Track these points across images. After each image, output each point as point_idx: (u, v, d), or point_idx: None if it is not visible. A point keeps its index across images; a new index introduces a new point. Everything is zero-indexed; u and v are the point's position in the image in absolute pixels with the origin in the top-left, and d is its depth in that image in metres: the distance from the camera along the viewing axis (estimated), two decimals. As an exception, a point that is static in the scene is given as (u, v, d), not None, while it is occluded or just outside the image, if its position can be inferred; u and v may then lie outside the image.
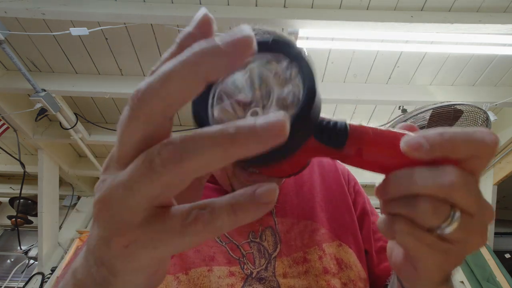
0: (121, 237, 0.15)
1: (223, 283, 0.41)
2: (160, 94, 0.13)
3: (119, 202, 0.14)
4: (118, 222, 0.15)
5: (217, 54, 0.13)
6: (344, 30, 1.49)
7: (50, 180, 2.35)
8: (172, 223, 0.14)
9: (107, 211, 0.15)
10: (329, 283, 0.43)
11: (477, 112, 1.43)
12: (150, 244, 0.15)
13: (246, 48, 0.13)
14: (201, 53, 0.13)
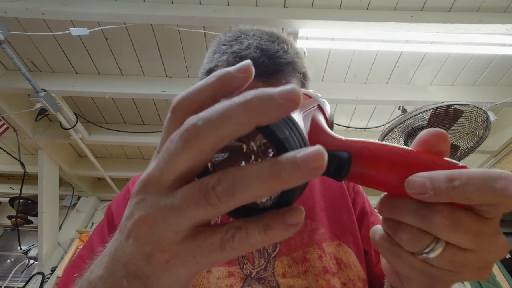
0: (163, 253, 0.17)
1: (222, 284, 0.41)
2: (217, 132, 0.15)
3: (164, 223, 0.16)
4: (160, 239, 0.16)
5: (272, 105, 0.15)
6: (344, 30, 1.49)
7: (50, 180, 2.35)
8: (213, 240, 0.16)
9: (150, 229, 0.16)
10: (329, 282, 0.43)
11: (477, 112, 1.43)
12: (192, 259, 0.17)
13: (295, 103, 0.15)
14: (259, 101, 0.15)
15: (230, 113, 0.15)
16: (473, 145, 1.59)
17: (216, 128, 0.15)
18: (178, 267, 0.17)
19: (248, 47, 0.43)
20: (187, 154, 0.15)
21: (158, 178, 0.17)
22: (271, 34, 0.46)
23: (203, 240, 0.17)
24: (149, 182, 0.17)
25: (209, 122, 0.15)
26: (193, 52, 1.76)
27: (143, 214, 0.17)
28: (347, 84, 1.93)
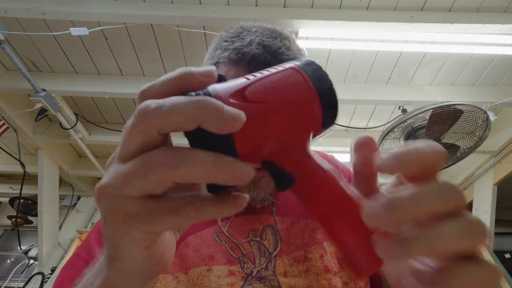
0: (118, 214, 0.18)
1: (222, 282, 0.41)
2: (163, 117, 0.17)
3: (116, 189, 0.18)
4: (115, 203, 0.18)
5: (220, 116, 0.17)
6: (344, 30, 1.49)
7: (50, 180, 2.35)
8: (170, 204, 0.18)
9: (105, 195, 0.18)
10: (330, 282, 0.42)
11: (477, 112, 1.43)
12: (146, 220, 0.18)
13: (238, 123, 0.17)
14: (210, 107, 0.17)
15: (180, 106, 0.17)
16: (473, 145, 1.59)
17: (163, 114, 0.17)
18: (132, 226, 0.18)
19: (250, 44, 0.42)
20: (135, 130, 0.18)
21: (119, 152, 0.19)
22: (273, 31, 0.45)
23: (160, 204, 0.18)
24: (114, 157, 0.20)
25: (160, 107, 0.17)
26: (193, 52, 1.76)
27: (102, 182, 0.19)
28: (347, 84, 1.93)
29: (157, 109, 0.17)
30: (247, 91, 0.20)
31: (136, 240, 0.19)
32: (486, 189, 2.33)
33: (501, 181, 2.23)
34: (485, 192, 2.34)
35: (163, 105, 0.17)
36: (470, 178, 2.47)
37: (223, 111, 0.17)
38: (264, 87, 0.21)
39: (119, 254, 0.21)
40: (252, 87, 0.21)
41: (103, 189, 0.19)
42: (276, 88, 0.21)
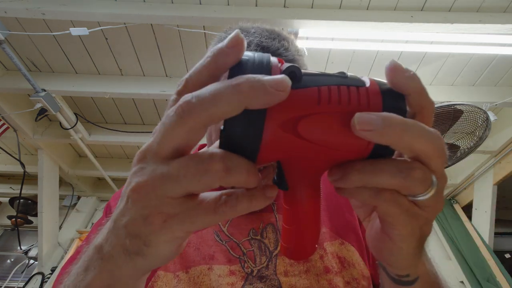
0: (160, 215, 0.19)
1: (223, 281, 0.41)
2: (209, 110, 0.17)
3: (160, 189, 0.18)
4: (157, 203, 0.18)
5: (261, 91, 0.17)
6: (344, 30, 1.49)
7: (50, 180, 2.35)
8: (208, 203, 0.19)
9: (147, 194, 0.18)
10: (330, 282, 0.42)
11: (477, 112, 1.43)
12: (188, 220, 0.19)
13: (284, 93, 0.17)
14: (249, 86, 0.17)
15: (221, 94, 0.16)
16: (473, 145, 1.59)
17: (208, 107, 0.17)
18: (174, 226, 0.19)
19: (248, 45, 0.42)
20: (180, 129, 0.18)
21: (155, 149, 0.19)
22: (272, 32, 0.45)
23: (198, 204, 0.19)
24: (147, 153, 0.19)
25: (202, 100, 0.17)
26: (193, 52, 1.76)
27: (141, 181, 0.19)
28: (347, 84, 1.93)
29: (201, 102, 0.17)
30: (303, 123, 0.19)
31: (174, 239, 0.20)
32: (486, 189, 2.33)
33: (501, 181, 2.23)
34: (485, 192, 2.34)
35: (205, 97, 0.17)
36: (470, 178, 2.47)
37: (264, 87, 0.17)
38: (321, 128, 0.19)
39: (149, 250, 0.20)
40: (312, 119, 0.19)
41: (143, 188, 0.18)
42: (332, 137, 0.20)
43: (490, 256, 2.23)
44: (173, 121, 0.18)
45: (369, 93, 0.20)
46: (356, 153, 0.21)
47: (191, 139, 0.18)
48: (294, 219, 0.25)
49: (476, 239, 2.36)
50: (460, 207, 2.65)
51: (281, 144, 0.20)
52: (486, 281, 2.14)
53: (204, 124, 0.17)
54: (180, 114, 0.17)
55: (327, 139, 0.20)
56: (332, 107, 0.19)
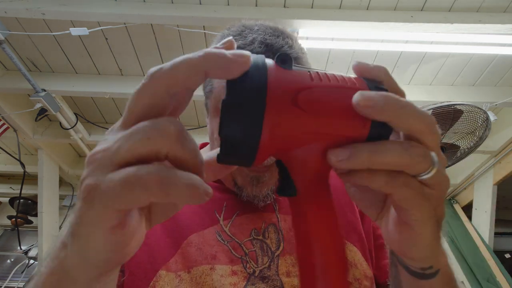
0: (91, 183, 0.17)
1: (225, 281, 0.41)
2: (167, 74, 0.18)
3: (107, 153, 0.17)
4: (96, 169, 0.17)
5: (220, 58, 0.18)
6: (344, 30, 1.49)
7: (50, 180, 2.35)
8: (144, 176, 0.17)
9: (95, 159, 0.18)
10: None
11: (477, 112, 1.43)
12: (111, 194, 0.16)
13: (243, 64, 0.18)
14: (209, 53, 0.18)
15: (182, 60, 0.18)
16: (473, 145, 1.59)
17: (166, 71, 0.17)
18: (102, 197, 0.17)
19: (252, 42, 0.42)
20: (143, 93, 0.18)
21: (123, 119, 0.19)
22: (276, 29, 0.45)
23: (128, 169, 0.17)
24: (113, 127, 0.20)
25: (164, 66, 0.18)
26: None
27: (98, 147, 0.18)
28: (347, 84, 1.93)
29: (163, 67, 0.18)
30: (302, 94, 0.19)
31: (98, 217, 0.17)
32: (486, 189, 2.33)
33: (501, 181, 2.23)
34: (485, 192, 2.34)
35: (167, 64, 0.18)
36: (470, 178, 2.47)
37: (225, 55, 0.18)
38: (320, 100, 0.20)
39: (80, 229, 0.18)
40: (310, 92, 0.20)
41: (95, 153, 0.18)
42: (331, 108, 0.20)
43: (490, 256, 2.23)
44: (137, 89, 0.18)
45: (354, 78, 0.22)
46: (355, 132, 0.21)
47: (154, 106, 0.18)
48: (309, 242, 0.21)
49: (476, 239, 2.35)
50: (460, 207, 2.65)
51: (287, 120, 0.19)
52: (486, 281, 2.14)
53: (166, 88, 0.18)
54: (144, 81, 0.18)
55: (327, 109, 0.20)
56: (325, 83, 0.20)
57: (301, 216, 0.22)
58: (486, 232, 2.32)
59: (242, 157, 0.20)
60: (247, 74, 0.18)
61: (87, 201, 0.17)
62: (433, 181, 0.22)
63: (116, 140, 0.17)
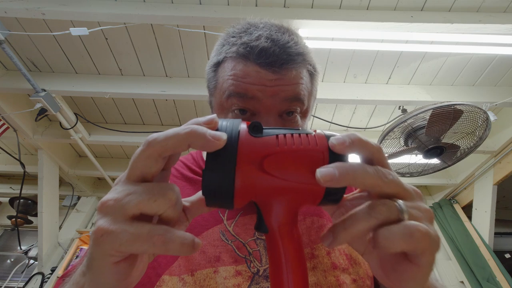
0: (105, 228, 0.22)
1: (229, 283, 0.40)
2: (159, 144, 0.23)
3: (118, 204, 0.22)
4: (106, 217, 0.22)
5: (201, 138, 0.23)
6: (344, 30, 1.49)
7: (50, 180, 2.35)
8: (145, 230, 0.22)
9: (110, 207, 0.22)
10: (338, 278, 0.42)
11: (477, 112, 1.43)
12: (121, 237, 0.21)
13: (218, 145, 0.24)
14: (194, 131, 0.23)
15: (173, 133, 0.23)
16: (473, 145, 1.59)
17: (162, 140, 0.23)
18: (108, 241, 0.22)
19: (258, 38, 0.42)
20: (143, 156, 0.23)
21: (127, 174, 0.24)
22: (281, 26, 0.45)
23: (139, 227, 0.22)
24: (121, 178, 0.25)
25: (159, 136, 0.23)
26: (193, 52, 1.76)
27: (107, 197, 0.23)
28: (347, 84, 1.93)
29: (158, 137, 0.23)
30: (267, 160, 0.25)
31: (106, 254, 0.22)
32: (486, 189, 2.33)
33: (501, 181, 2.24)
34: (485, 192, 2.34)
35: (162, 134, 0.23)
36: (470, 178, 2.48)
37: (206, 136, 0.23)
38: (282, 164, 0.25)
39: (92, 263, 0.24)
40: (274, 158, 0.25)
41: (105, 203, 0.23)
42: (292, 171, 0.25)
43: (490, 256, 2.23)
44: (139, 151, 0.24)
45: (316, 136, 0.26)
46: (315, 189, 0.25)
47: (150, 165, 0.24)
48: (279, 267, 0.27)
49: (476, 239, 2.35)
50: (460, 207, 2.65)
51: (252, 180, 0.25)
52: (486, 281, 2.13)
53: (159, 153, 0.23)
54: (144, 146, 0.24)
55: (289, 172, 0.25)
56: (288, 147, 0.25)
57: (271, 247, 0.28)
58: (486, 232, 2.32)
59: (222, 205, 0.26)
60: (222, 149, 0.24)
61: (97, 242, 0.22)
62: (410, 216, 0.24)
63: (126, 194, 0.23)
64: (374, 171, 0.25)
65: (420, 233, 0.23)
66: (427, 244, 0.23)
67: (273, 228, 0.27)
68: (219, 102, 0.45)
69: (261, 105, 0.42)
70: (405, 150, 1.63)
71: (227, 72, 0.43)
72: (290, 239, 0.27)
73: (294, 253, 0.27)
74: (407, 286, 0.26)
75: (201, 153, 0.56)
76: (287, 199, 0.26)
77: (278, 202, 0.26)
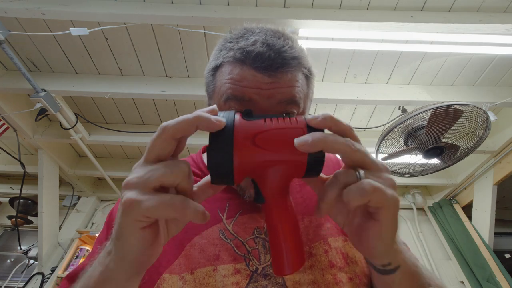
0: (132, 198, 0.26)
1: (228, 282, 0.41)
2: (172, 127, 0.28)
3: (140, 180, 0.27)
4: (133, 190, 0.26)
5: (206, 121, 0.28)
6: (344, 30, 1.49)
7: (50, 180, 2.35)
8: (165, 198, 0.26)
9: (134, 184, 0.27)
10: (335, 276, 0.43)
11: (477, 112, 1.43)
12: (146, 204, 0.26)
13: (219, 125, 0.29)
14: (200, 115, 0.28)
15: (183, 119, 0.28)
16: (473, 145, 1.59)
17: (173, 124, 0.28)
18: (136, 209, 0.26)
19: (254, 43, 0.43)
20: (158, 140, 0.28)
21: (144, 157, 0.29)
22: (276, 31, 0.47)
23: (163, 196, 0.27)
24: (139, 162, 0.29)
25: (171, 122, 0.28)
26: (193, 52, 1.76)
27: (132, 177, 0.27)
28: (347, 84, 1.93)
29: (170, 122, 0.28)
30: (258, 137, 0.30)
31: (135, 220, 0.26)
32: (486, 189, 2.33)
33: (501, 181, 2.24)
34: (485, 192, 2.34)
35: (173, 120, 0.28)
36: (470, 178, 2.48)
37: (210, 119, 0.28)
38: (270, 139, 0.30)
39: (122, 231, 0.27)
40: (263, 135, 0.30)
41: (129, 181, 0.27)
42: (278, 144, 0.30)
43: (490, 256, 2.23)
44: (155, 137, 0.28)
45: (296, 118, 0.32)
46: (299, 158, 0.30)
47: (165, 147, 0.28)
48: (276, 231, 0.32)
49: (476, 239, 2.36)
50: (460, 207, 2.65)
51: (247, 153, 0.30)
52: (486, 281, 2.14)
53: (172, 136, 0.28)
54: (158, 131, 0.28)
55: (276, 146, 0.30)
56: (274, 126, 0.31)
57: (268, 215, 0.33)
58: (486, 232, 2.33)
59: (225, 180, 0.31)
60: (222, 130, 0.29)
61: (126, 211, 0.26)
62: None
63: (146, 172, 0.27)
64: (343, 139, 0.29)
65: (372, 187, 0.27)
66: (382, 199, 0.28)
67: (268, 196, 0.32)
68: (217, 105, 0.46)
69: (257, 108, 0.43)
70: (405, 150, 1.63)
71: (225, 76, 0.44)
72: (284, 206, 0.32)
73: (287, 217, 0.32)
74: (373, 245, 0.31)
75: (201, 155, 0.58)
76: (277, 170, 0.31)
77: (270, 173, 0.31)
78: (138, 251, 0.28)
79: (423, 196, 2.87)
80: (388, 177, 0.30)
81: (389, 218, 0.29)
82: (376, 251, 0.31)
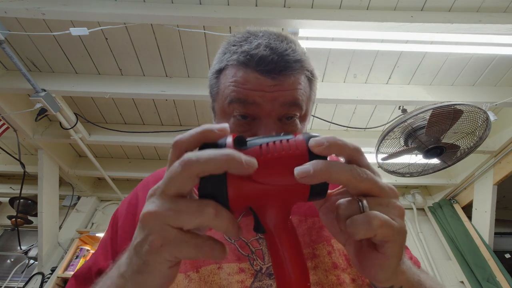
0: (160, 238, 0.25)
1: (233, 279, 0.42)
2: (200, 166, 0.24)
3: (165, 218, 0.24)
4: (160, 230, 0.25)
5: (239, 164, 0.24)
6: (344, 30, 1.49)
7: (50, 180, 2.35)
8: (196, 240, 0.25)
9: (154, 220, 0.25)
10: (338, 277, 0.43)
11: (477, 112, 1.43)
12: (178, 247, 0.25)
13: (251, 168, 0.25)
14: (231, 158, 0.24)
15: (212, 157, 0.24)
16: (473, 145, 1.59)
17: (202, 163, 0.24)
18: (167, 249, 0.25)
19: (257, 46, 0.44)
20: (181, 176, 0.25)
21: (163, 188, 0.26)
22: (279, 35, 0.47)
23: (190, 237, 0.25)
24: (157, 191, 0.26)
25: (199, 158, 0.24)
26: (193, 52, 1.76)
27: (149, 210, 0.25)
28: (347, 84, 1.93)
29: (198, 160, 0.24)
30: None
31: (165, 261, 0.26)
32: (486, 189, 2.33)
33: (501, 181, 2.24)
34: (485, 192, 2.34)
35: (201, 157, 0.24)
36: (470, 178, 2.48)
37: (242, 161, 0.24)
38: (267, 172, 0.27)
39: (148, 268, 0.26)
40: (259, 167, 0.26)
41: (151, 215, 0.25)
42: (277, 176, 0.28)
43: (490, 256, 2.23)
44: (178, 170, 0.25)
45: (296, 141, 0.28)
46: (300, 190, 0.28)
47: (188, 184, 0.25)
48: (279, 260, 0.30)
49: (476, 239, 2.36)
50: (460, 207, 2.65)
51: (244, 190, 0.27)
52: (486, 281, 2.14)
53: (197, 174, 0.25)
54: (182, 165, 0.24)
55: (275, 178, 0.27)
56: (271, 155, 0.27)
57: (270, 244, 0.31)
58: (486, 232, 2.33)
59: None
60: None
61: (154, 251, 0.25)
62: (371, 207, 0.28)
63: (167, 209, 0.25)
64: (349, 168, 0.27)
65: (378, 221, 0.26)
66: (388, 233, 0.26)
67: (269, 227, 0.30)
68: (221, 108, 0.47)
69: (261, 110, 0.43)
70: (405, 150, 1.63)
71: (229, 79, 0.45)
72: (286, 235, 0.30)
73: (290, 246, 0.30)
74: (376, 273, 0.30)
75: None
76: (277, 201, 0.29)
77: (270, 205, 0.29)
78: (161, 286, 0.27)
79: (423, 196, 2.87)
80: (396, 205, 0.29)
81: (394, 251, 0.28)
82: (378, 278, 0.30)
